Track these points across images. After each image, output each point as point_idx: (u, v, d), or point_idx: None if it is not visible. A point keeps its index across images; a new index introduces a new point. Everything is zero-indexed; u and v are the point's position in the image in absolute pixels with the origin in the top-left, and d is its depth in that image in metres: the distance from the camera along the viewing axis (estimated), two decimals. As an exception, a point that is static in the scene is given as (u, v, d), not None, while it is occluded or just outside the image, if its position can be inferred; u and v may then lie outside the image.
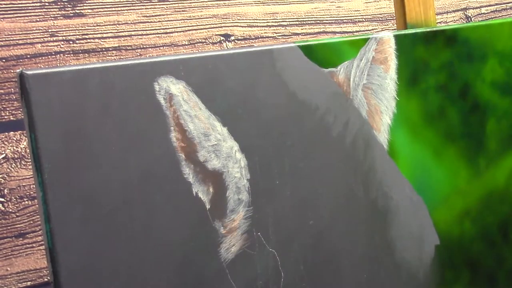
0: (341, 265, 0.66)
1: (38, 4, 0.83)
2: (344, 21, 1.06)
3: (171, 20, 0.92)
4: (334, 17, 1.06)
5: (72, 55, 0.85)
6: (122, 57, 0.88)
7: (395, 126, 0.69)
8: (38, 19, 0.83)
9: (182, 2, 0.93)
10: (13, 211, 0.82)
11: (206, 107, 0.59)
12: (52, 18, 0.84)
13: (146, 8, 0.91)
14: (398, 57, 0.69)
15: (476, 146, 0.73)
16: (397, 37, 0.69)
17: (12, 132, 0.82)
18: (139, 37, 0.90)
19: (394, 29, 1.10)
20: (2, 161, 0.82)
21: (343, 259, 0.66)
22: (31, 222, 0.83)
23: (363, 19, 1.08)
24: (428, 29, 0.71)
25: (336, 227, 0.65)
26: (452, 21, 1.17)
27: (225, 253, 0.60)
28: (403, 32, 0.70)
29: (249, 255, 0.61)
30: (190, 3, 0.94)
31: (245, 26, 0.98)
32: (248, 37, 0.98)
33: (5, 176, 0.82)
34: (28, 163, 0.83)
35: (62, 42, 0.85)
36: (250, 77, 0.61)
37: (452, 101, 0.72)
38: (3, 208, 0.81)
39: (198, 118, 0.59)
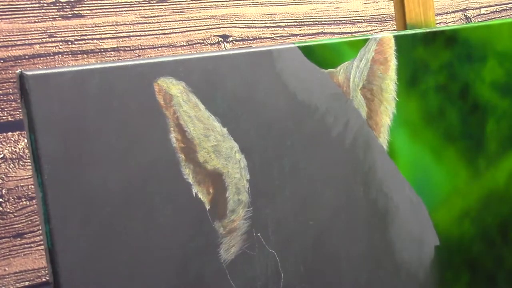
0: (341, 265, 0.66)
1: (37, 5, 0.83)
2: (343, 22, 1.06)
3: (169, 21, 0.92)
4: (332, 18, 1.06)
5: (70, 56, 0.85)
6: (120, 58, 0.88)
7: (395, 127, 0.69)
8: (36, 20, 0.83)
9: (180, 3, 0.93)
10: (11, 211, 0.82)
11: (205, 107, 0.59)
12: (51, 19, 0.84)
13: (144, 9, 0.90)
14: (398, 57, 0.69)
15: (476, 147, 0.73)
16: (397, 38, 0.69)
17: (10, 133, 0.82)
18: (138, 38, 0.90)
19: (393, 30, 1.10)
20: (0, 162, 0.81)
21: (343, 260, 0.66)
22: (29, 222, 0.83)
23: (362, 20, 1.08)
24: (428, 30, 0.71)
25: (336, 228, 0.65)
26: (452, 21, 1.17)
27: (225, 254, 0.60)
28: (403, 32, 0.70)
29: (249, 256, 0.61)
30: (188, 4, 0.94)
31: (243, 27, 0.98)
32: (246, 38, 0.98)
33: (3, 176, 0.81)
34: (26, 164, 0.82)
35: (61, 43, 0.85)
36: (250, 77, 0.61)
37: (452, 102, 0.72)
38: (1, 208, 0.81)
39: (198, 119, 0.58)
